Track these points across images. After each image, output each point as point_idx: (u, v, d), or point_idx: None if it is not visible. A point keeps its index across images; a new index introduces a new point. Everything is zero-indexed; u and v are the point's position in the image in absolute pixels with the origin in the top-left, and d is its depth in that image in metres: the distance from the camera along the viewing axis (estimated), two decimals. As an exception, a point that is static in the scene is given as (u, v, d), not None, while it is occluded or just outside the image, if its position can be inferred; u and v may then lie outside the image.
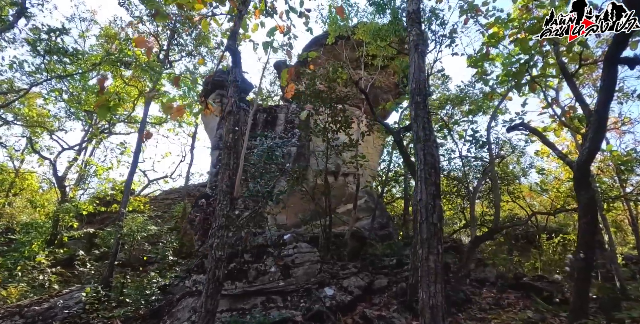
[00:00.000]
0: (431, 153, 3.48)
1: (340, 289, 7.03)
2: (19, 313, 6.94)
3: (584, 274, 4.54)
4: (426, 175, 3.43)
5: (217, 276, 4.00)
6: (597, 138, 4.77)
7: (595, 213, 4.73)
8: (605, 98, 4.66)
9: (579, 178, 4.86)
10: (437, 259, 3.18)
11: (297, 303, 6.35)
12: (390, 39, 9.30)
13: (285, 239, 8.30)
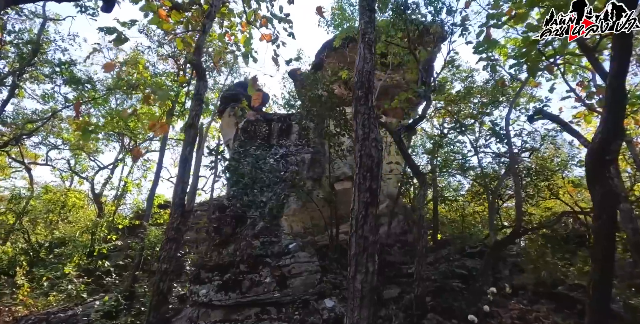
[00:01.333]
0: (369, 154, 3.07)
1: (342, 300, 6.64)
2: (46, 320, 7.47)
3: (601, 291, 3.71)
4: (360, 179, 3.01)
5: (162, 289, 3.89)
6: (613, 118, 3.94)
7: (613, 213, 3.87)
8: (618, 69, 3.86)
9: (591, 169, 4.06)
10: (365, 279, 2.75)
11: (292, 315, 6.09)
12: (396, 34, 8.87)
13: (290, 248, 8.10)
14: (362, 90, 3.34)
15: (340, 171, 11.32)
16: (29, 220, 13.33)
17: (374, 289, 2.68)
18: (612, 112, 3.86)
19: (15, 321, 7.58)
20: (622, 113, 4.02)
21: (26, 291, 8.08)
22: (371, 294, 2.68)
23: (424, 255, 6.28)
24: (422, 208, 6.60)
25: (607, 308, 3.71)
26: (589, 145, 6.38)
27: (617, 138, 4.45)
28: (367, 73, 3.43)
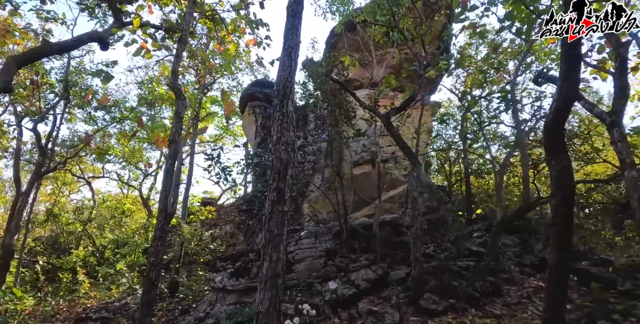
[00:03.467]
0: (279, 157, 3.29)
1: (346, 282, 6.95)
2: (105, 308, 8.85)
3: (557, 274, 3.54)
4: (271, 180, 3.25)
5: (151, 277, 4.54)
6: (568, 86, 3.69)
7: (571, 190, 3.64)
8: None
9: (549, 140, 3.83)
10: (269, 266, 3.06)
11: (295, 297, 6.56)
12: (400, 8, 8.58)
13: (302, 235, 8.54)
14: (279, 97, 3.52)
15: (358, 156, 11.40)
16: (96, 226, 15.63)
17: (276, 275, 2.98)
18: (567, 79, 3.59)
19: (83, 310, 9.12)
20: (577, 81, 3.71)
21: (87, 286, 9.69)
22: (273, 279, 2.98)
23: (418, 236, 6.31)
24: (414, 190, 6.57)
25: (564, 293, 3.53)
26: (593, 109, 5.87)
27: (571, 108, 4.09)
28: (285, 80, 3.58)
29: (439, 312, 5.73)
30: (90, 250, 13.59)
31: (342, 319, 6.01)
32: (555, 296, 3.40)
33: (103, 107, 11.50)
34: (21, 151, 11.20)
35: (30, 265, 12.72)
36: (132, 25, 6.49)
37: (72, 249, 13.85)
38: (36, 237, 15.78)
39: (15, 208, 9.33)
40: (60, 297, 10.18)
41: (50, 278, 12.63)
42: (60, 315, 9.17)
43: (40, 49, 5.94)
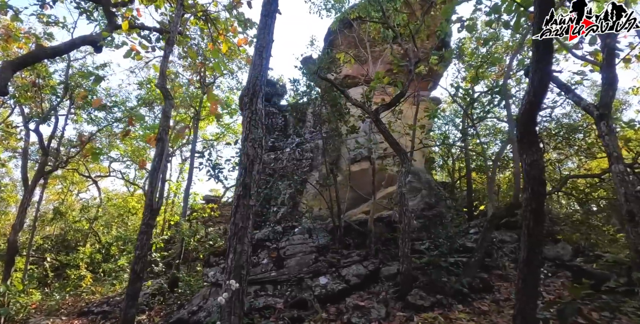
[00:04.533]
0: (246, 153, 3.37)
1: (337, 278, 7.01)
2: (107, 302, 9.12)
3: (528, 270, 3.49)
4: (238, 175, 3.33)
5: (136, 269, 4.69)
6: (540, 78, 3.63)
7: (542, 182, 3.59)
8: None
9: (520, 133, 3.80)
10: (233, 258, 3.13)
11: (285, 292, 6.65)
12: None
13: (296, 231, 8.62)
14: (248, 96, 3.59)
15: (355, 152, 11.41)
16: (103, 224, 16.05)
17: (240, 267, 3.06)
18: (537, 71, 3.55)
19: (86, 305, 9.41)
20: (548, 74, 3.66)
21: (89, 281, 9.98)
22: (237, 270, 3.06)
23: (406, 232, 6.32)
24: (403, 186, 6.57)
25: (534, 289, 3.48)
26: (580, 102, 5.79)
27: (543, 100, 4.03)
28: (254, 79, 3.65)
29: (425, 307, 5.75)
30: (97, 247, 13.96)
31: (330, 314, 6.07)
32: (525, 292, 3.38)
33: (103, 108, 11.80)
34: (29, 151, 11.52)
35: (39, 262, 13.14)
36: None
37: (79, 246, 14.26)
38: (46, 235, 16.29)
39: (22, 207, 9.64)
40: (66, 292, 10.51)
41: (59, 275, 13.04)
42: (64, 310, 9.48)
43: (34, 53, 6.12)
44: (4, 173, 17.96)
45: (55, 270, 13.34)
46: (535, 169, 3.48)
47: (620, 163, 5.00)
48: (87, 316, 8.71)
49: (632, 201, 4.85)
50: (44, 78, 10.31)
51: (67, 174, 16.48)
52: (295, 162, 11.67)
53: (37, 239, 14.69)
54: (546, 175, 12.84)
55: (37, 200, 12.68)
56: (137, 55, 6.30)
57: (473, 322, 5.23)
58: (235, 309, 3.03)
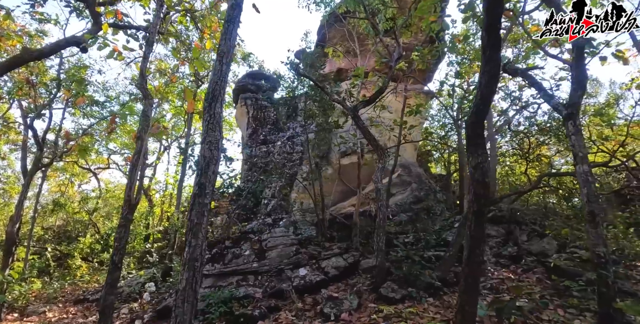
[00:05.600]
0: (203, 155, 3.54)
1: (316, 269, 7.25)
2: (102, 290, 9.51)
3: (470, 270, 3.62)
4: (196, 175, 3.52)
5: (114, 260, 4.97)
6: (487, 72, 3.62)
7: (485, 186, 3.67)
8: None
9: (468, 136, 3.91)
10: (188, 251, 3.32)
11: (265, 282, 6.92)
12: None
13: (280, 224, 8.86)
14: (208, 100, 3.74)
15: (346, 146, 11.53)
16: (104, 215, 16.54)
17: (194, 259, 3.26)
18: (485, 73, 3.58)
19: (83, 293, 9.84)
20: (495, 76, 3.70)
21: (84, 271, 10.40)
22: (191, 263, 3.26)
23: (381, 226, 6.50)
24: (379, 181, 6.72)
25: (475, 286, 3.59)
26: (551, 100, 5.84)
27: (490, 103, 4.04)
28: (214, 84, 3.79)
29: (396, 300, 5.96)
30: (96, 238, 14.43)
31: (306, 304, 6.33)
32: (466, 290, 3.54)
33: (96, 103, 12.09)
34: (28, 144, 11.86)
35: (41, 252, 13.65)
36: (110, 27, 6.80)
37: (80, 237, 14.75)
38: (48, 226, 16.84)
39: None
40: (64, 281, 10.97)
41: (60, 264, 13.55)
42: (62, 297, 9.94)
43: (19, 56, 6.29)
44: (6, 165, 18.49)
45: (57, 260, 13.84)
46: (478, 172, 3.57)
47: (585, 163, 5.06)
48: (83, 303, 9.14)
49: (594, 201, 4.94)
50: (37, 76, 10.57)
51: (68, 166, 16.93)
52: (286, 155, 11.85)
53: (38, 230, 15.21)
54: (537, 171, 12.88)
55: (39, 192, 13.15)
56: (120, 56, 6.48)
57: (439, 315, 5.43)
58: (189, 297, 3.26)
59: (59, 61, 11.25)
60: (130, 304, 8.33)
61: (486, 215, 3.67)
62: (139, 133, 5.68)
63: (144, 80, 6.02)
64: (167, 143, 17.68)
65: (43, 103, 10.78)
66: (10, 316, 8.62)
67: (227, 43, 3.93)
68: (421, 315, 5.44)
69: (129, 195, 5.26)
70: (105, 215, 16.85)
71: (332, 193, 11.28)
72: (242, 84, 13.45)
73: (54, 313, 8.72)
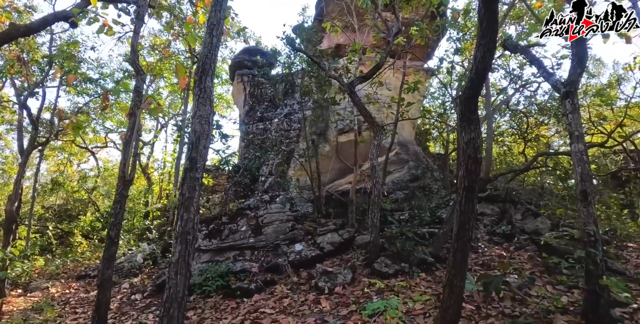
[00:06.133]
0: (194, 129, 3.51)
1: (312, 245, 7.38)
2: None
3: (460, 245, 3.65)
4: (187, 150, 3.53)
5: (111, 235, 5.04)
6: (484, 45, 3.50)
7: (477, 161, 3.65)
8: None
9: (461, 111, 3.86)
10: (180, 224, 3.36)
11: (261, 257, 7.05)
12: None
13: (277, 201, 8.93)
14: (198, 73, 3.67)
15: (344, 123, 11.46)
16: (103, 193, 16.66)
17: (186, 232, 3.30)
18: (480, 47, 3.49)
19: (84, 269, 10.07)
20: (491, 50, 3.61)
21: (85, 247, 10.59)
22: (183, 236, 3.31)
23: (376, 203, 6.55)
24: (375, 158, 6.72)
25: (463, 263, 3.64)
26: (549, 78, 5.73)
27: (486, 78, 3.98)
28: (205, 57, 3.70)
29: (389, 275, 6.09)
30: (96, 216, 14.61)
31: (301, 278, 6.48)
32: (454, 265, 3.59)
33: (89, 80, 11.90)
34: (24, 124, 11.77)
35: (43, 231, 13.86)
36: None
37: (81, 215, 14.94)
38: (49, 205, 17.01)
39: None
40: (66, 258, 11.19)
41: (62, 242, 13.81)
42: (65, 274, 10.19)
43: (7, 32, 6.13)
44: (3, 146, 18.45)
45: (59, 238, 14.09)
46: (471, 148, 3.54)
47: (580, 142, 5.02)
48: (85, 279, 9.37)
49: (587, 180, 4.94)
50: (28, 53, 10.34)
51: (65, 146, 16.90)
52: (283, 132, 11.78)
53: (39, 209, 15.36)
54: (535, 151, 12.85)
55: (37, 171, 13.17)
56: (110, 31, 6.29)
57: (430, 289, 5.57)
58: (181, 269, 3.32)
59: (49, 38, 10.98)
60: (131, 279, 8.54)
61: (477, 191, 3.67)
62: (131, 109, 5.61)
63: (136, 55, 5.87)
64: (164, 121, 17.65)
65: (35, 81, 10.60)
66: (14, 292, 8.87)
67: (217, 15, 3.82)
68: (413, 289, 5.57)
69: (123, 171, 5.26)
70: (105, 193, 16.99)
71: (329, 170, 11.30)
72: (238, 60, 13.18)
73: (57, 288, 8.95)
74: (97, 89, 12.33)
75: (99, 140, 18.49)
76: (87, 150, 17.27)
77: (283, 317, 4.84)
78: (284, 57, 9.35)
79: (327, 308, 5.11)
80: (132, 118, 5.60)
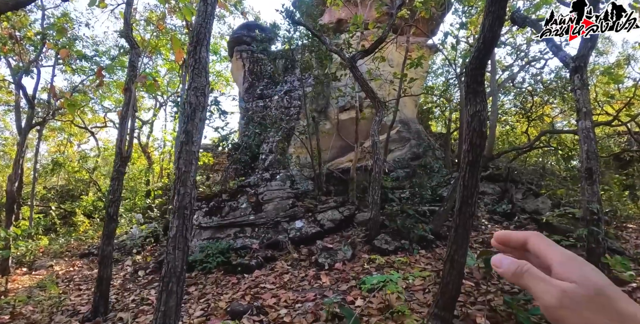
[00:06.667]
0: (189, 101, 3.37)
1: (312, 222, 7.38)
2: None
3: (461, 221, 3.57)
4: (181, 123, 3.44)
5: (109, 212, 5.02)
6: (492, 13, 3.35)
7: (482, 135, 3.55)
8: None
9: (466, 84, 3.72)
10: (177, 199, 3.29)
11: (262, 234, 7.08)
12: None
13: (277, 178, 8.89)
14: (193, 43, 3.49)
15: (345, 100, 11.27)
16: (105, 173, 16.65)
17: (183, 207, 3.25)
18: (488, 15, 3.34)
19: (88, 247, 10.17)
20: (500, 18, 3.44)
21: (87, 226, 10.66)
22: (180, 211, 3.25)
23: (377, 180, 6.49)
24: (376, 135, 6.61)
25: (465, 239, 3.60)
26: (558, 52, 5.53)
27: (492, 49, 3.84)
28: (199, 26, 3.51)
29: (389, 251, 6.11)
30: (98, 196, 14.67)
31: (302, 254, 6.52)
32: (456, 240, 3.54)
33: (84, 57, 11.63)
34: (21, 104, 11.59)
35: (46, 211, 13.96)
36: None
37: (83, 195, 15.00)
38: (51, 186, 17.06)
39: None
40: (70, 237, 11.30)
41: (66, 222, 13.92)
42: (69, 252, 10.32)
43: (-5, 7, 5.89)
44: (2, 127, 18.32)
45: (62, 218, 14.20)
46: (476, 121, 3.43)
47: (588, 119, 4.91)
48: (88, 257, 9.48)
49: (593, 158, 4.85)
50: (20, 30, 10.04)
51: (65, 126, 16.77)
52: (284, 109, 11.59)
53: (41, 190, 15.42)
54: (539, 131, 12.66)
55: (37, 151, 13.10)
56: (102, 3, 6.03)
57: (430, 266, 5.59)
58: (179, 244, 3.29)
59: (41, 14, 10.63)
60: (134, 257, 8.63)
61: (480, 166, 3.58)
62: (126, 84, 5.47)
63: (129, 28, 5.67)
64: (162, 100, 17.38)
65: (29, 59, 10.34)
66: (19, 271, 9.00)
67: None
68: (412, 265, 5.60)
69: (120, 148, 5.18)
70: (106, 173, 16.97)
71: (329, 148, 11.21)
72: (237, 36, 12.81)
73: (61, 266, 9.08)
74: (93, 67, 12.06)
75: (98, 120, 18.33)
76: (87, 130, 17.14)
77: (283, 292, 4.88)
78: (283, 31, 9.04)
79: (327, 283, 5.14)
80: (127, 93, 5.47)
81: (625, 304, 0.42)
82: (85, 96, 14.33)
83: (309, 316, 3.98)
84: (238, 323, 3.93)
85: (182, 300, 3.53)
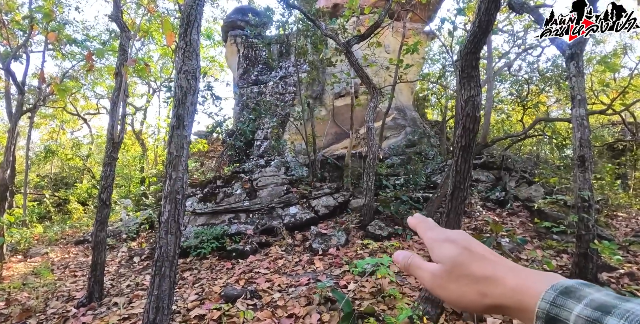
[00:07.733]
0: (180, 85, 3.31)
1: (307, 208, 7.41)
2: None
3: (452, 207, 3.60)
4: (173, 107, 3.36)
5: (102, 198, 5.00)
6: (487, 8, 3.37)
7: (475, 119, 3.53)
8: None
9: (461, 67, 3.69)
10: (169, 184, 3.27)
11: (256, 220, 7.10)
12: None
13: (272, 164, 8.88)
14: (183, 25, 3.40)
15: (340, 86, 11.19)
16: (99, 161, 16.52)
17: (175, 191, 3.24)
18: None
19: (83, 234, 10.17)
20: (496, 1, 3.39)
21: (81, 213, 10.63)
22: (172, 195, 3.24)
23: (371, 166, 6.50)
24: (371, 121, 6.58)
25: (457, 224, 3.56)
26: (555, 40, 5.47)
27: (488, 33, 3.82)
28: (189, 8, 3.43)
29: (383, 237, 6.17)
30: (92, 183, 14.60)
31: (296, 240, 6.56)
32: (447, 225, 3.56)
33: (74, 41, 11.39)
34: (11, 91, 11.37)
35: (40, 199, 13.88)
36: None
37: (77, 183, 14.92)
38: (45, 174, 16.92)
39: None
40: (65, 224, 11.29)
41: (60, 210, 13.87)
42: (64, 239, 10.31)
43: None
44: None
45: (57, 206, 14.14)
46: (469, 105, 3.41)
47: (582, 107, 4.89)
48: (83, 244, 9.49)
49: (586, 146, 4.86)
50: (7, 13, 9.76)
51: (57, 113, 16.54)
52: (279, 96, 11.50)
53: (34, 177, 15.29)
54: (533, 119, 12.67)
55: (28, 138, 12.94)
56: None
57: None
58: (171, 228, 3.28)
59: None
60: (129, 243, 8.65)
61: (473, 151, 3.59)
62: (117, 68, 5.37)
63: (119, 10, 5.53)
64: (156, 86, 17.12)
65: (18, 44, 10.10)
66: (14, 258, 8.99)
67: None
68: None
69: (112, 133, 5.12)
70: (100, 160, 16.85)
71: (325, 134, 11.18)
72: (230, 20, 12.57)
73: (56, 253, 9.08)
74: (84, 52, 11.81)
75: (90, 107, 18.08)
76: (79, 116, 16.91)
77: (277, 276, 4.92)
78: (278, 15, 8.87)
79: (321, 268, 5.19)
80: (118, 78, 5.37)
81: (478, 267, 0.44)
82: (76, 82, 14.09)
83: (302, 299, 4.03)
84: (232, 306, 3.97)
85: (175, 284, 3.55)
